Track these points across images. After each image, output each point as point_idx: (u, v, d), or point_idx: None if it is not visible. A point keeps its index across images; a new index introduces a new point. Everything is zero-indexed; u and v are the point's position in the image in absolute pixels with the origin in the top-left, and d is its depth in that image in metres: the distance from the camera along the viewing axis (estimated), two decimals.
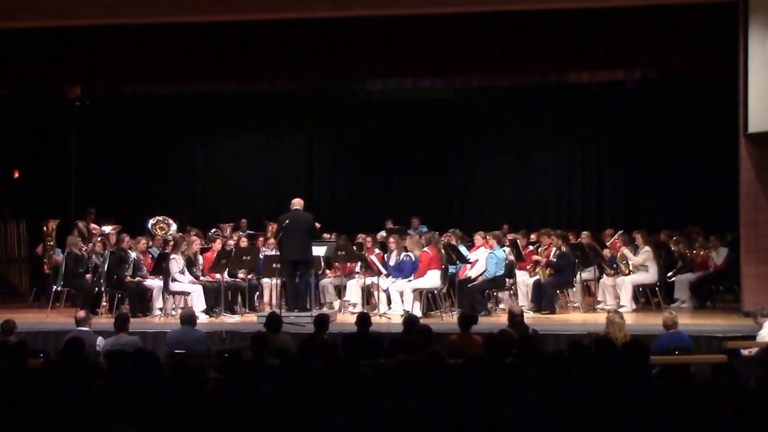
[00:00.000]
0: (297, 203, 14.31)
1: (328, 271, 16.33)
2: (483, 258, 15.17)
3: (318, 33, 14.78)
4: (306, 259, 14.15)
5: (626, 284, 15.02)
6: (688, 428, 4.44)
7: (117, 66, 15.28)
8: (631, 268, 15.16)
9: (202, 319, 13.80)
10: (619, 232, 16.23)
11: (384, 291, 15.26)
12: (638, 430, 4.64)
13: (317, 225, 14.76)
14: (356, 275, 15.80)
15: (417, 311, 14.23)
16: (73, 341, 8.79)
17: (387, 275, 15.37)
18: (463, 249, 15.59)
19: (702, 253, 16.00)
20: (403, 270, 15.23)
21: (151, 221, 17.71)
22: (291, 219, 14.05)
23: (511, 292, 15.55)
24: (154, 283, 15.16)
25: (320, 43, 14.88)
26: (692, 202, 19.32)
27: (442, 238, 15.76)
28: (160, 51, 15.06)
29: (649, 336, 10.65)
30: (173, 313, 14.77)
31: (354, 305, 15.48)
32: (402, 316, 12.79)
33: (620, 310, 12.95)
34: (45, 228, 17.00)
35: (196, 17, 14.54)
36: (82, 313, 11.40)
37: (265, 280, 15.83)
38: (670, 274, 16.05)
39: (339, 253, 15.22)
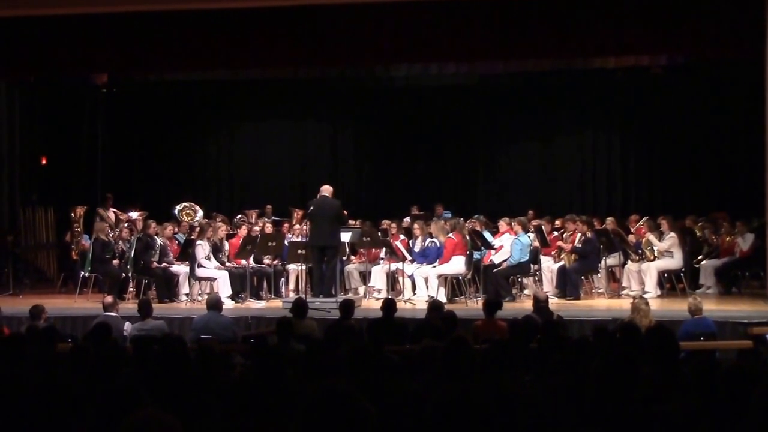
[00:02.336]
0: (325, 190, 14.37)
1: (353, 257, 16.37)
2: (508, 244, 15.17)
3: (343, 19, 14.76)
4: (333, 245, 14.21)
5: (651, 270, 14.97)
6: (714, 413, 4.44)
7: (143, 53, 15.33)
8: (656, 254, 15.12)
9: (228, 304, 13.87)
10: (645, 218, 16.18)
11: (409, 277, 15.29)
12: (664, 416, 4.65)
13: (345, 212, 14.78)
14: (381, 261, 15.82)
15: (442, 297, 14.23)
16: (100, 326, 8.88)
17: (412, 261, 15.40)
18: (487, 235, 15.59)
19: (728, 238, 15.91)
20: (428, 256, 15.25)
21: (178, 207, 17.79)
22: (317, 205, 14.13)
23: (536, 278, 15.53)
24: (181, 268, 15.26)
25: (345, 29, 14.87)
26: (718, 187, 19.22)
27: (467, 224, 15.76)
28: (186, 38, 15.08)
29: (674, 322, 10.61)
30: (199, 298, 14.85)
31: (379, 291, 15.52)
32: (426, 301, 12.82)
33: (645, 296, 12.91)
34: (73, 214, 17.10)
35: (222, 4, 14.56)
36: (109, 299, 11.50)
37: (291, 266, 15.88)
38: (700, 257, 15.97)
39: (364, 239, 15.27)
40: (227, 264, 15.34)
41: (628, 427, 4.56)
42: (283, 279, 16.05)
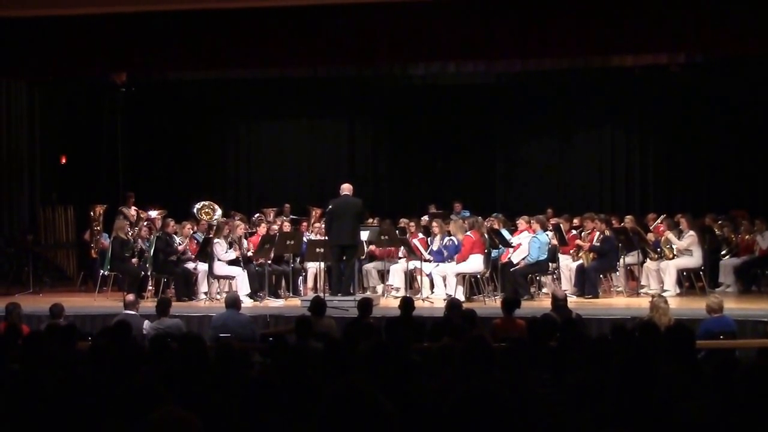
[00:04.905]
0: (346, 189, 14.36)
1: (376, 251, 16.24)
2: (526, 242, 15.15)
3: (361, 18, 14.77)
4: (353, 244, 14.24)
5: (670, 268, 14.93)
6: (734, 412, 4.43)
7: (161, 52, 15.37)
8: (675, 252, 15.07)
9: (247, 303, 13.89)
10: (663, 216, 16.13)
11: (427, 275, 15.29)
12: (683, 415, 4.64)
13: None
14: (398, 260, 15.80)
15: (460, 295, 14.23)
16: (120, 324, 8.92)
17: (429, 261, 15.38)
18: (505, 233, 15.57)
19: (747, 237, 15.85)
20: (446, 254, 15.26)
21: (197, 206, 17.81)
22: (338, 204, 14.15)
23: (554, 277, 15.50)
24: (199, 267, 15.30)
25: (363, 27, 14.87)
26: (737, 185, 19.15)
27: (486, 223, 15.74)
28: (205, 37, 15.11)
29: (694, 320, 10.57)
30: (218, 297, 14.90)
31: (397, 290, 15.52)
32: (444, 300, 12.81)
33: (664, 294, 12.87)
34: (92, 213, 17.18)
35: (240, 3, 14.59)
36: (130, 297, 11.55)
37: (309, 265, 15.91)
38: (723, 252, 15.90)
39: (382, 237, 15.28)
40: (248, 255, 15.37)
41: (647, 426, 4.55)
42: (301, 277, 16.08)
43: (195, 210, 17.72)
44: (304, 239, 15.86)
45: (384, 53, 15.44)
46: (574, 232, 16.29)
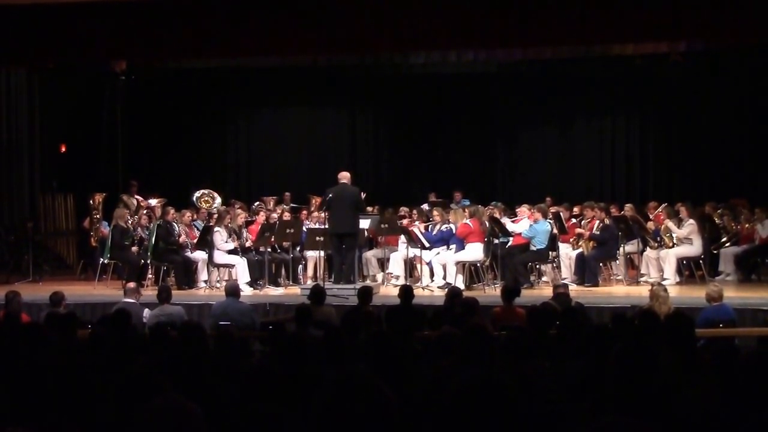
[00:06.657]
0: (344, 177, 14.36)
1: (381, 238, 16.23)
2: (526, 226, 15.15)
3: (361, 6, 14.74)
4: (352, 232, 14.23)
5: (670, 257, 14.93)
6: (734, 400, 4.43)
7: (161, 40, 15.33)
8: (675, 241, 15.07)
9: (247, 291, 13.90)
10: (663, 204, 16.13)
11: (427, 264, 15.28)
12: (683, 403, 4.64)
13: (363, 194, 14.76)
14: (403, 245, 15.75)
15: (460, 284, 14.22)
16: (119, 312, 8.92)
17: (429, 248, 15.35)
18: (506, 221, 15.58)
19: (747, 225, 15.84)
20: (442, 238, 15.26)
21: (196, 194, 17.84)
22: (337, 193, 14.13)
23: (554, 265, 15.51)
24: (199, 255, 15.30)
25: (363, 16, 14.83)
26: (737, 174, 19.13)
27: (486, 211, 15.73)
28: (205, 25, 15.08)
29: (694, 309, 10.57)
30: (218, 285, 14.92)
31: (397, 278, 15.52)
32: (440, 287, 12.80)
33: (664, 283, 12.88)
34: (92, 201, 17.17)
35: None
36: (131, 285, 11.58)
37: (309, 253, 15.90)
38: (724, 239, 15.89)
39: (382, 225, 15.29)
40: (248, 245, 15.37)
41: (647, 413, 4.55)
42: (301, 266, 16.08)
43: (194, 198, 17.75)
44: (304, 228, 15.86)
45: (385, 41, 15.39)
46: (574, 220, 16.30)
